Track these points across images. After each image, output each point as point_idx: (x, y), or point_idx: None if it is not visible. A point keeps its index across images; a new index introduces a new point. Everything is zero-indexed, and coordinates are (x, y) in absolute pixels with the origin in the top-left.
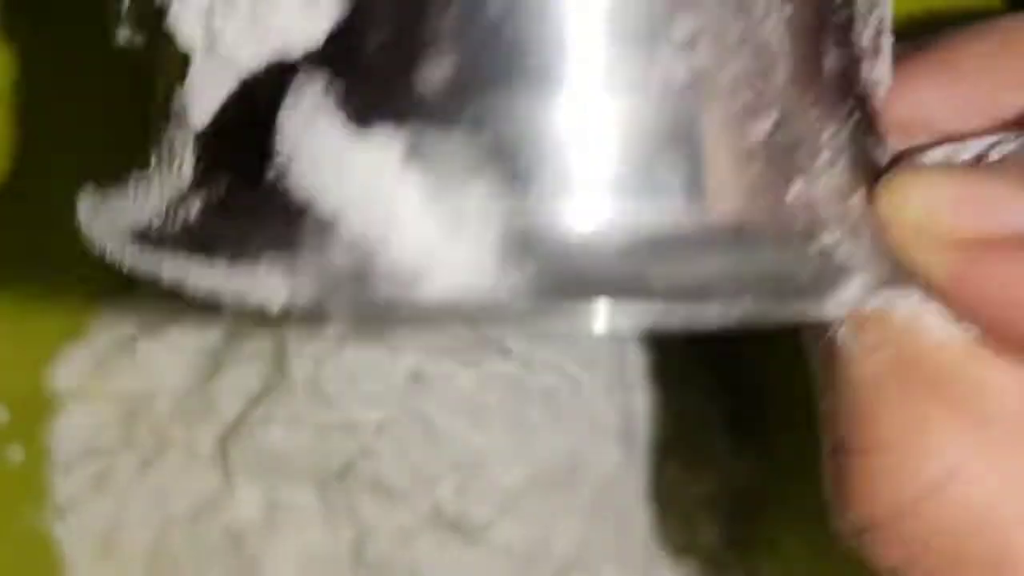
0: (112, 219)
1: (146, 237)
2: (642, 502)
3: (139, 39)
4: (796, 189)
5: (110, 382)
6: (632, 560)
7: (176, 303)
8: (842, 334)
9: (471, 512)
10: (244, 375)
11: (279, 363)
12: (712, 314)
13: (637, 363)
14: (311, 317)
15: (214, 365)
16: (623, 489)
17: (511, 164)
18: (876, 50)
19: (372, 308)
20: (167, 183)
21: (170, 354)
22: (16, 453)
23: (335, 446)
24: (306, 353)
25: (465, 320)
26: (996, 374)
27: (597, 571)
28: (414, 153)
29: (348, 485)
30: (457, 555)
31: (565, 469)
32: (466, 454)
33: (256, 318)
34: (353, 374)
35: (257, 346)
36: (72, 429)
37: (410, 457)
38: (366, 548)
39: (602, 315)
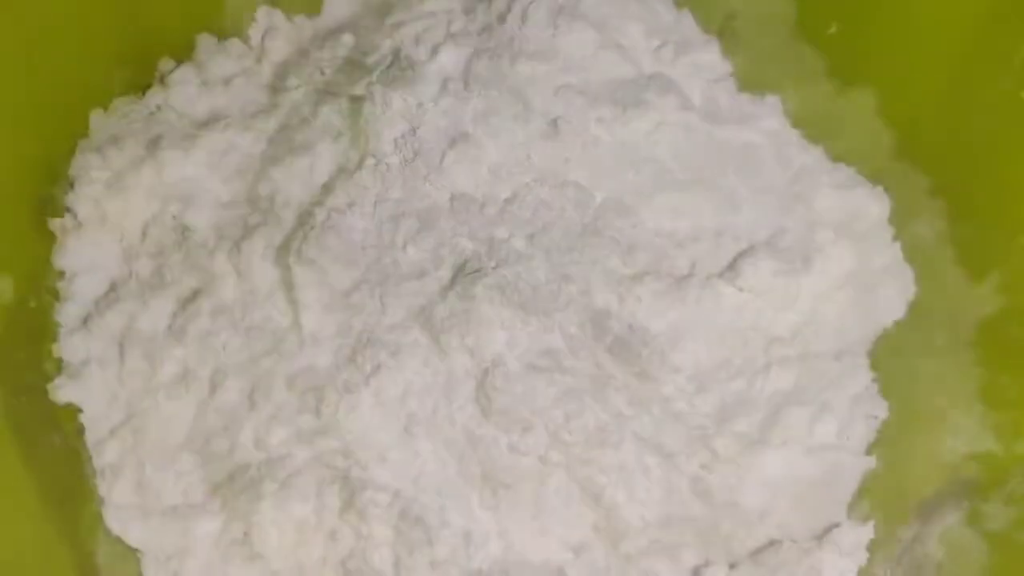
0: None
1: None
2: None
3: None
4: None
5: (125, 205)
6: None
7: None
8: None
9: (643, 325)
10: (306, 166)
11: (356, 135)
12: None
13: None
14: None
15: (268, 160)
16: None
17: None
18: None
19: None
20: None
21: (204, 161)
22: (5, 291)
23: (443, 240)
24: (395, 114)
25: None
26: None
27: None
28: None
29: (463, 298)
30: (636, 399)
31: (786, 259)
32: (639, 239)
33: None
34: (460, 135)
35: (325, 122)
36: (78, 271)
37: (553, 246)
38: (491, 382)
39: None
